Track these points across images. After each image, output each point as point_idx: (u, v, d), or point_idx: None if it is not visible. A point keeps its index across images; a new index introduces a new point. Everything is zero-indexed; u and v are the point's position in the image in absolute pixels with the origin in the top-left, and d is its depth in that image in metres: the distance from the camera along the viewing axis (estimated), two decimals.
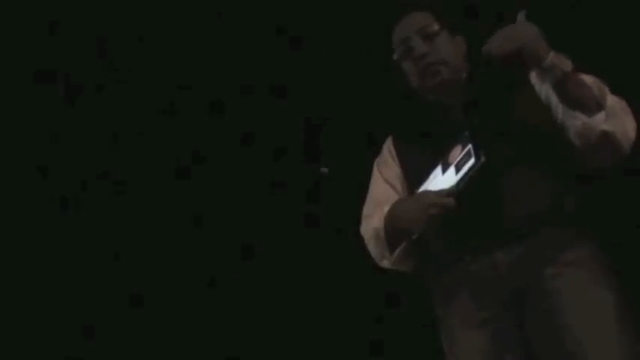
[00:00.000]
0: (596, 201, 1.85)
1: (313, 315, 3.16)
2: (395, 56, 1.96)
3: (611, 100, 1.72)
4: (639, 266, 2.42)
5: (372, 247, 1.96)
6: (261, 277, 3.22)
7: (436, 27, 1.91)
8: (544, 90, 1.78)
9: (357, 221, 2.03)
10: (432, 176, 1.81)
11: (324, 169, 3.15)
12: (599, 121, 1.69)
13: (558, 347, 1.70)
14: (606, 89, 1.72)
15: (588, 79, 1.74)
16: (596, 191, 1.94)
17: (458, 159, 1.73)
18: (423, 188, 1.81)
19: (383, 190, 2.00)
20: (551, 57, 1.69)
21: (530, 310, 1.75)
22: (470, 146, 1.70)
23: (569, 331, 1.69)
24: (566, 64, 1.69)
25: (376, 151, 2.08)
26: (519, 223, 1.76)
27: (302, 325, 3.16)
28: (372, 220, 1.95)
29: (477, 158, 1.68)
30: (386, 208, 1.91)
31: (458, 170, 1.72)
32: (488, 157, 1.67)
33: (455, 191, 1.71)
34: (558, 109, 1.76)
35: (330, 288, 3.15)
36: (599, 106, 1.70)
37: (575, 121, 1.72)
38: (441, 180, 1.77)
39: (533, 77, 1.90)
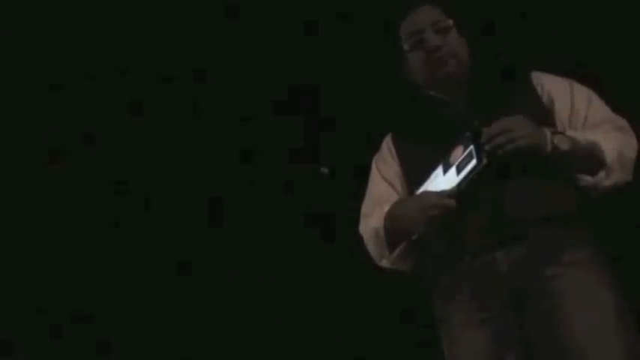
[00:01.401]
0: (596, 201, 1.84)
1: (312, 316, 3.15)
2: (405, 47, 1.96)
3: (609, 150, 1.77)
4: (639, 266, 2.42)
5: (371, 247, 1.97)
6: (260, 276, 3.22)
7: (450, 22, 1.93)
8: None
9: (356, 221, 2.04)
10: (432, 176, 1.80)
11: (324, 169, 3.15)
12: (601, 180, 1.78)
13: (558, 347, 1.70)
14: (601, 146, 1.77)
15: (582, 138, 1.78)
16: None
17: (459, 160, 1.73)
18: (423, 188, 1.81)
19: (382, 188, 2.00)
20: (550, 144, 1.73)
21: (531, 310, 1.75)
22: (472, 147, 1.70)
23: (569, 331, 1.69)
24: (564, 142, 1.74)
25: (375, 148, 2.08)
26: (520, 223, 1.76)
27: (301, 326, 3.16)
28: (371, 220, 1.95)
29: (479, 160, 1.67)
30: (385, 207, 1.91)
31: (459, 171, 1.72)
32: (490, 160, 1.67)
33: (456, 192, 1.71)
34: None
35: (330, 288, 3.14)
36: (600, 165, 1.77)
37: (581, 181, 1.80)
38: (442, 181, 1.76)
39: (536, 78, 1.91)
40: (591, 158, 1.77)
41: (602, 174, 1.77)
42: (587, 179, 1.78)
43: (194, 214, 3.22)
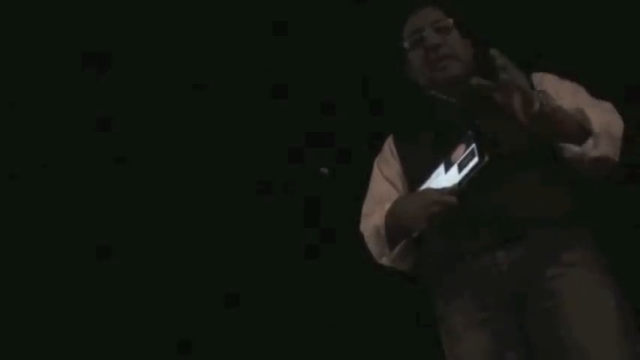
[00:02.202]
0: (596, 201, 1.85)
1: (311, 315, 3.16)
2: (405, 45, 1.97)
3: (596, 121, 1.74)
4: (639, 266, 2.42)
5: (372, 245, 1.97)
6: (261, 277, 3.22)
7: (450, 21, 1.93)
8: None
9: (357, 220, 2.04)
10: (434, 175, 1.81)
11: (324, 169, 3.15)
12: (589, 148, 1.73)
13: (559, 347, 1.70)
14: (587, 114, 1.74)
15: (569, 106, 1.76)
16: (596, 191, 1.94)
17: (461, 158, 1.73)
18: (425, 186, 1.82)
19: (383, 188, 2.00)
20: (538, 100, 1.69)
21: (531, 310, 1.75)
22: (473, 145, 1.71)
23: (569, 331, 1.70)
24: (549, 102, 1.71)
25: (377, 149, 2.09)
26: (520, 223, 1.77)
27: (301, 325, 3.16)
28: (372, 218, 1.96)
29: (481, 158, 1.68)
30: (386, 206, 1.91)
31: (461, 169, 1.72)
32: (491, 157, 1.67)
33: (457, 190, 1.71)
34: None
35: (330, 288, 3.15)
36: (587, 134, 1.74)
37: (567, 152, 1.76)
38: (444, 178, 1.77)
39: (536, 78, 1.91)
40: (577, 125, 1.73)
41: (589, 142, 1.73)
42: (573, 149, 1.74)
43: (195, 215, 3.23)
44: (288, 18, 2.90)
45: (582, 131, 1.73)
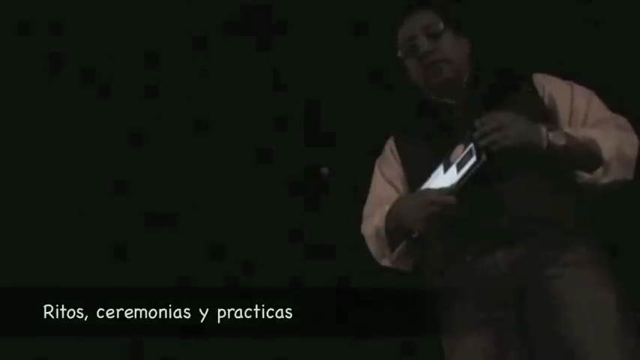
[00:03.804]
0: (597, 201, 1.85)
1: (313, 314, 3.15)
2: (399, 54, 1.99)
3: (606, 147, 1.76)
4: (639, 266, 2.42)
5: (373, 246, 1.98)
6: (262, 277, 3.22)
7: (441, 26, 1.93)
8: None
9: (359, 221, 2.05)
10: (433, 175, 1.81)
11: (324, 169, 3.15)
12: (600, 177, 1.76)
13: (559, 347, 1.71)
14: (599, 143, 1.76)
15: (579, 134, 1.77)
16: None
17: (459, 158, 1.74)
18: (424, 187, 1.82)
19: (384, 189, 2.01)
20: (546, 140, 1.72)
21: (532, 310, 1.75)
22: (471, 145, 1.71)
23: (570, 331, 1.70)
24: (560, 137, 1.73)
25: (378, 151, 2.10)
26: (520, 223, 1.77)
27: (302, 325, 3.15)
28: (373, 219, 1.97)
29: (478, 157, 1.69)
30: (387, 207, 1.92)
31: (459, 169, 1.73)
32: (489, 157, 1.68)
33: (455, 190, 1.72)
34: None
35: (330, 288, 3.14)
36: (598, 162, 1.76)
37: (579, 179, 1.79)
38: (443, 179, 1.77)
39: (537, 79, 1.92)
40: (589, 155, 1.76)
41: (599, 171, 1.76)
42: (585, 176, 1.78)
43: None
44: (286, 18, 2.90)
45: (593, 159, 1.76)
